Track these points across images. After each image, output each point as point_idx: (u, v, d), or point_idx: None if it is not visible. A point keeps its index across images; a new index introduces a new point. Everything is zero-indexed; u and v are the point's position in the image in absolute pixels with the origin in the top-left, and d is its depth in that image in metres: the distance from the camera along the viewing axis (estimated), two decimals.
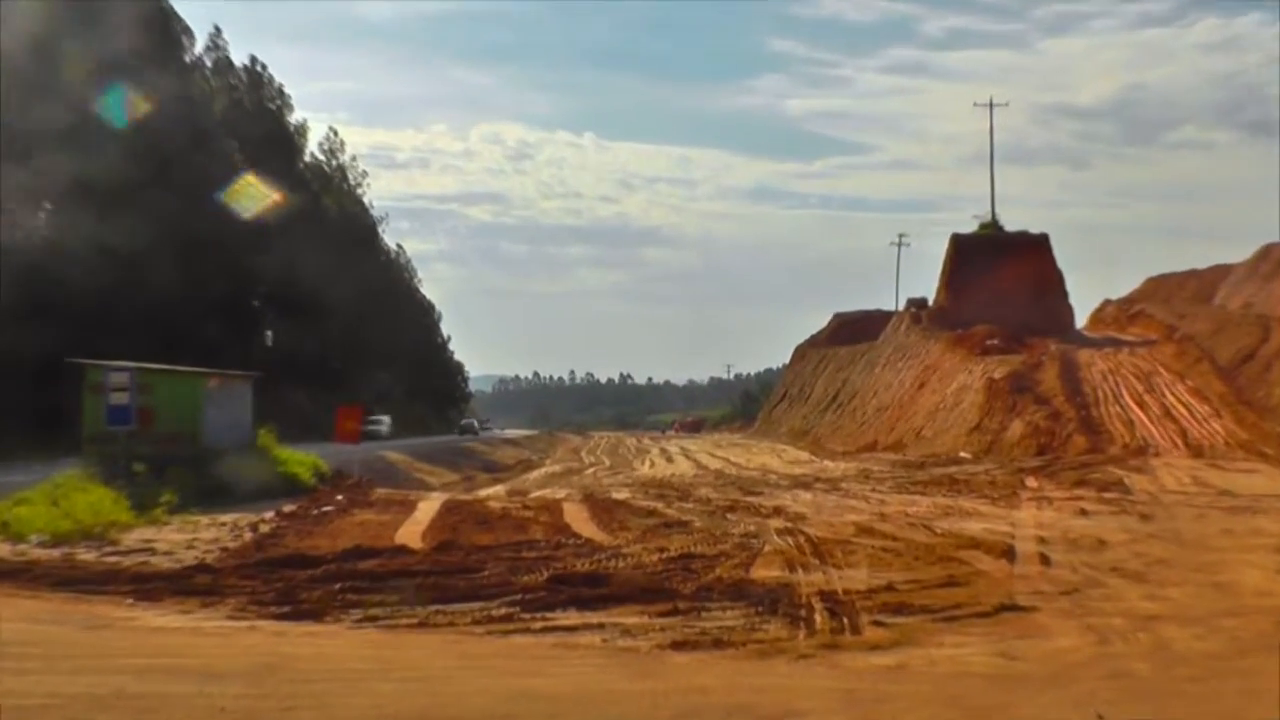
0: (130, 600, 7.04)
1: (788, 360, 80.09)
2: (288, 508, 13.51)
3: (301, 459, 18.57)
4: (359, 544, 9.64)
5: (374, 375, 53.23)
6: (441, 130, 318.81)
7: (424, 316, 71.79)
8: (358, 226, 55.75)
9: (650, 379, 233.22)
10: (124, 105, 28.28)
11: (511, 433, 70.56)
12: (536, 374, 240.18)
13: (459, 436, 56.46)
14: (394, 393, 60.24)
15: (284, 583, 7.57)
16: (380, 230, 63.36)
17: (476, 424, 76.74)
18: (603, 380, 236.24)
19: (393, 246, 69.44)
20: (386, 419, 41.90)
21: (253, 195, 34.60)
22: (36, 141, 24.37)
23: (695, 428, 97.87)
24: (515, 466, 34.52)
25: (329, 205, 50.64)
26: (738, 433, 76.15)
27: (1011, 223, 50.32)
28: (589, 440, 61.15)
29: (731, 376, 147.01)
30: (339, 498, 15.30)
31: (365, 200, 60.74)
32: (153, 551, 9.53)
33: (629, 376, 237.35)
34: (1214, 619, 6.24)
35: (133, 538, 10.46)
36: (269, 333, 40.22)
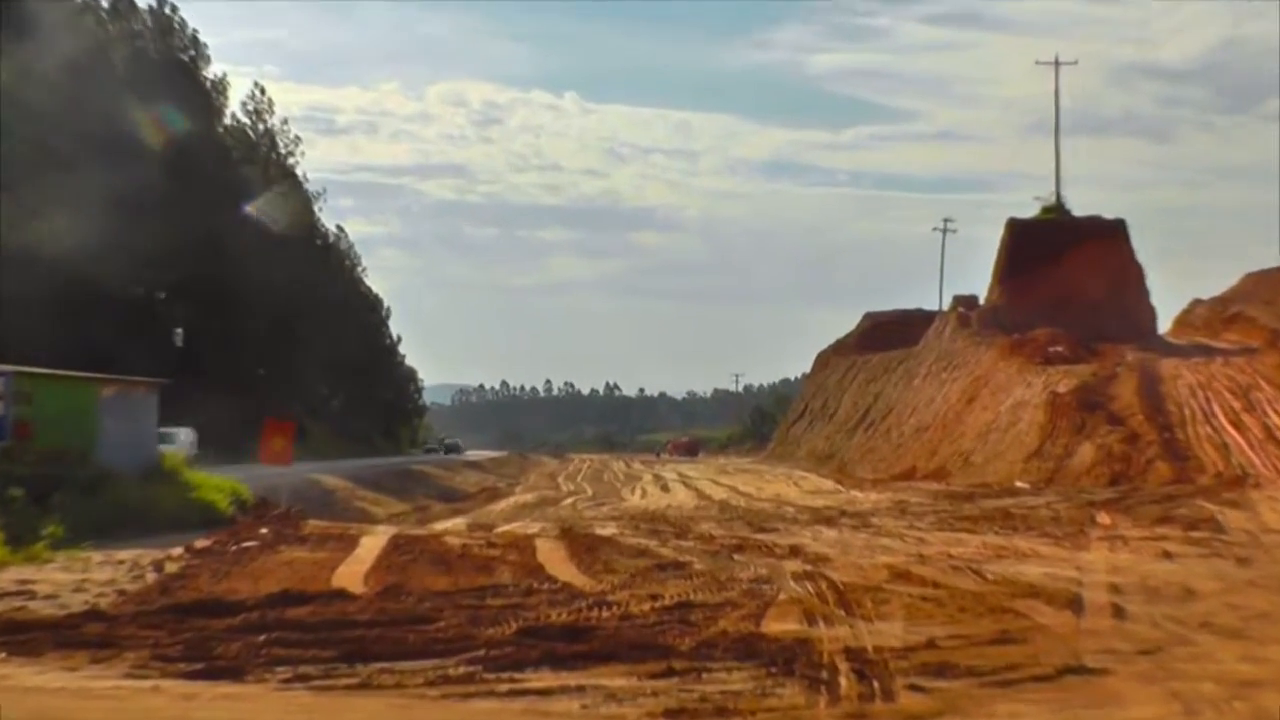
0: (2, 655, 6.99)
1: (808, 369, 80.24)
2: (200, 543, 13.51)
3: (218, 484, 18.54)
4: (287, 587, 9.65)
5: (308, 383, 53.19)
6: (392, 89, 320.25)
7: (369, 313, 71.92)
8: (289, 204, 55.85)
9: (642, 390, 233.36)
10: None
11: (475, 454, 70.56)
12: (505, 384, 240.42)
13: (442, 455, 55.94)
14: (332, 405, 60.15)
15: (195, 634, 7.55)
16: (317, 208, 63.53)
17: (459, 443, 76.56)
18: (585, 392, 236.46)
19: (332, 228, 69.75)
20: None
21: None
22: None
23: (691, 450, 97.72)
24: (478, 495, 34.61)
25: (253, 177, 50.72)
26: (747, 456, 75.98)
27: (1081, 206, 50.75)
28: (568, 464, 60.35)
29: (740, 388, 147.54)
30: (263, 531, 15.32)
31: (299, 172, 61.00)
32: (31, 595, 9.50)
33: (616, 388, 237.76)
34: None
35: (6, 578, 10.43)
36: (178, 331, 40.24)
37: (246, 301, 40.92)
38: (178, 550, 12.65)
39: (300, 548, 13.80)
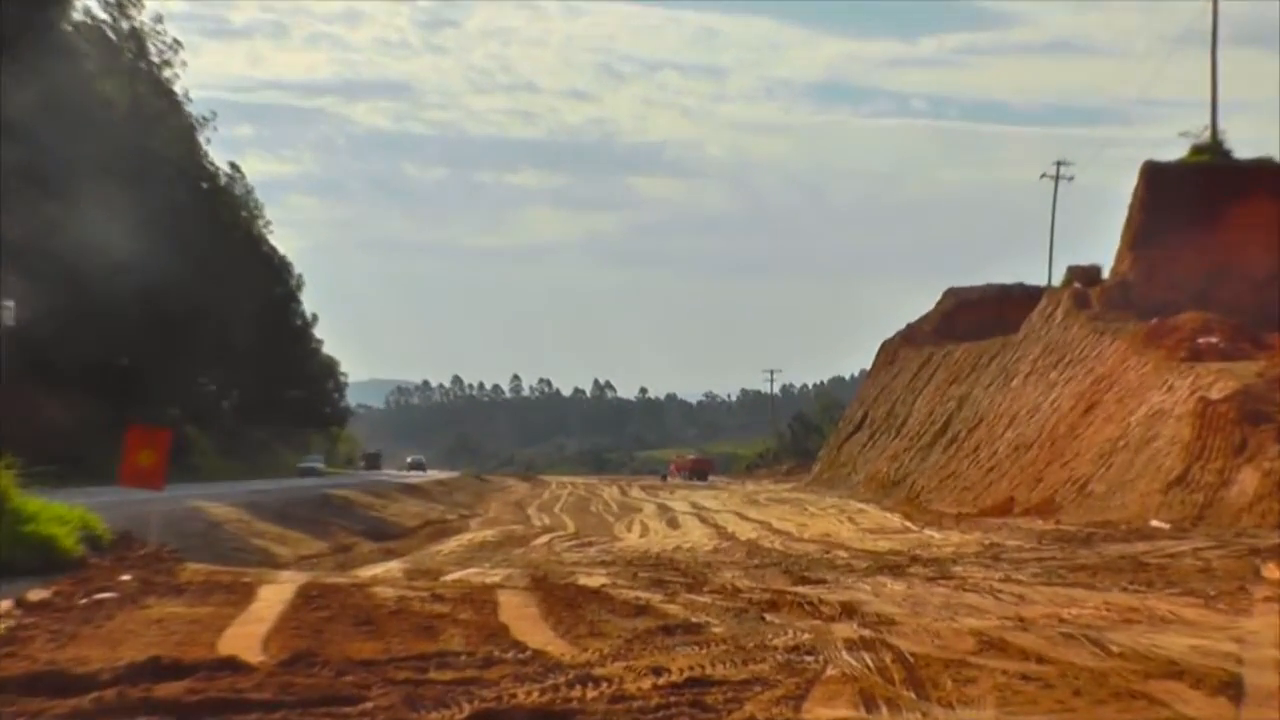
0: None
1: (868, 365, 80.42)
2: (36, 594, 13.46)
3: (61, 513, 18.32)
4: (157, 655, 9.52)
5: (188, 378, 53.22)
6: None
7: (273, 283, 71.78)
8: (163, 131, 55.79)
9: (644, 392, 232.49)
10: None
11: (414, 476, 70.59)
12: (458, 381, 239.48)
13: (361, 472, 55.25)
14: (221, 407, 60.25)
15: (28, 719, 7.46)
16: (202, 140, 63.56)
17: (421, 462, 76.58)
18: (566, 393, 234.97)
19: (223, 166, 69.75)
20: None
21: None
22: None
23: (701, 471, 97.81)
24: (420, 530, 35.04)
25: (113, 96, 50.63)
26: (786, 480, 76.16)
27: (1244, 144, 51.30)
28: (542, 489, 61.49)
29: (776, 390, 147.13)
30: (125, 578, 15.27)
31: (177, 89, 61.05)
32: None
33: (608, 388, 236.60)
34: None
35: None
36: (7, 305, 40.18)
37: (102, 269, 40.83)
38: (5, 603, 12.60)
39: (176, 600, 13.76)
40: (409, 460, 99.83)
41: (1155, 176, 47.64)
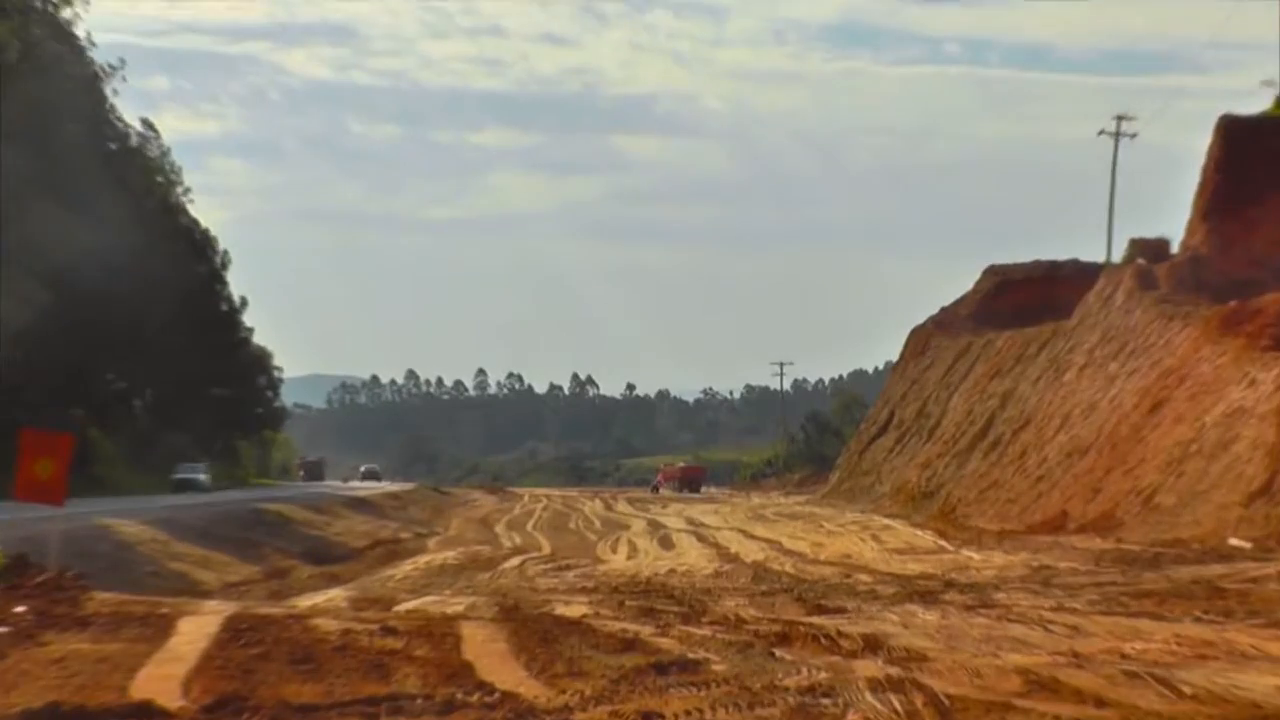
0: None
1: (895, 357, 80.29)
2: None
3: None
4: (57, 700, 9.60)
5: (93, 374, 52.95)
6: None
7: (194, 261, 71.57)
8: (62, 82, 55.47)
9: (632, 389, 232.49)
10: None
11: (364, 488, 70.92)
12: (414, 377, 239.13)
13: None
14: (134, 408, 60.07)
15: None
16: (109, 91, 63.17)
17: (376, 471, 76.32)
18: (540, 390, 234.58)
19: (134, 124, 69.38)
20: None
21: None
22: None
23: (692, 481, 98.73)
24: (368, 552, 35.07)
25: (1, 39, 50.22)
26: (799, 491, 76.19)
27: None
28: (513, 503, 61.59)
29: (787, 386, 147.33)
30: (19, 609, 15.20)
31: (78, 32, 60.70)
32: None
33: (590, 384, 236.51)
34: None
35: None
36: None
37: None
38: None
39: (80, 636, 13.65)
40: (362, 470, 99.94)
41: (1233, 133, 47.52)
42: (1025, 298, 64.55)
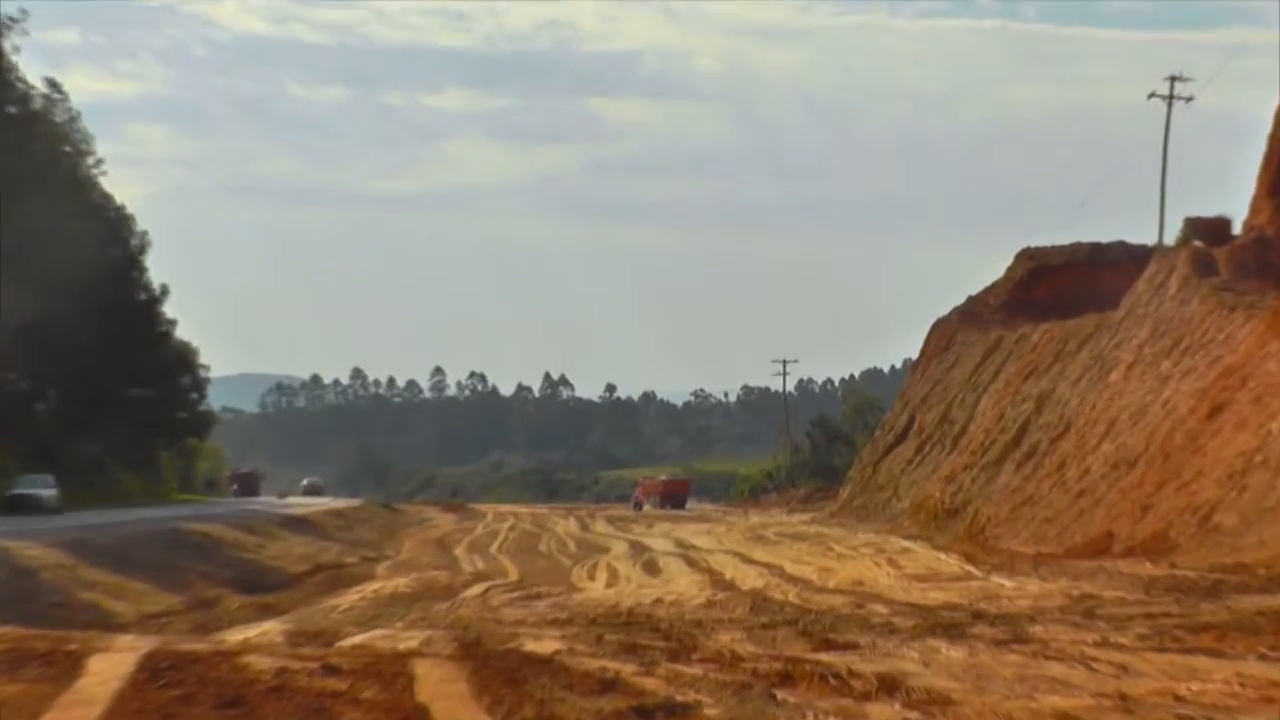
0: None
1: (915, 355, 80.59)
2: None
3: None
4: None
5: None
6: None
7: (108, 243, 71.28)
8: None
9: (612, 391, 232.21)
10: None
11: (304, 504, 72.38)
12: (361, 377, 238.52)
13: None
14: (36, 411, 59.80)
15: None
16: (8, 47, 62.75)
17: (319, 483, 76.22)
18: (507, 391, 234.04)
19: (37, 84, 69.04)
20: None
21: None
22: None
23: (675, 497, 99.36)
24: (308, 578, 36.44)
25: None
26: (804, 508, 76.74)
27: None
28: (475, 521, 63.96)
29: (791, 388, 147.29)
30: None
31: None
32: None
33: (564, 385, 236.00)
34: None
35: None
36: None
37: None
38: None
39: None
40: (302, 484, 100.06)
41: None
42: (1065, 285, 66.28)
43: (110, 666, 13.97)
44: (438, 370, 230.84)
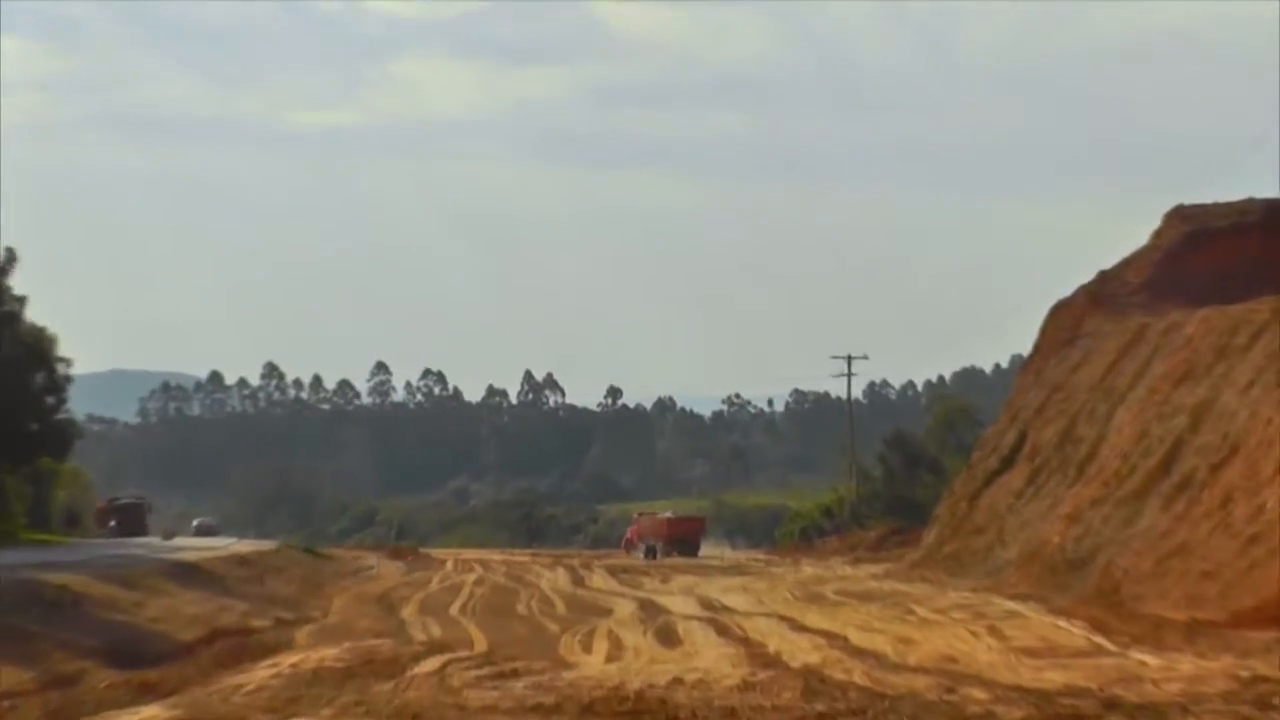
0: None
1: (1026, 351, 76.01)
2: None
3: None
4: None
5: None
6: None
7: None
8: None
9: (616, 397, 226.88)
10: None
11: (198, 547, 68.67)
12: (276, 375, 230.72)
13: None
14: None
15: None
16: None
17: (211, 523, 73.86)
18: (473, 397, 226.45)
19: None
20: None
21: None
22: None
23: (686, 536, 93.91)
24: (203, 647, 33.76)
25: None
26: (875, 557, 73.97)
27: None
28: (429, 572, 61.78)
29: (857, 393, 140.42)
30: None
31: None
32: None
33: (552, 389, 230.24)
34: None
35: None
36: None
37: None
38: None
39: None
40: (195, 524, 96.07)
41: None
42: (1231, 256, 60.87)
43: None
44: (380, 367, 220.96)
